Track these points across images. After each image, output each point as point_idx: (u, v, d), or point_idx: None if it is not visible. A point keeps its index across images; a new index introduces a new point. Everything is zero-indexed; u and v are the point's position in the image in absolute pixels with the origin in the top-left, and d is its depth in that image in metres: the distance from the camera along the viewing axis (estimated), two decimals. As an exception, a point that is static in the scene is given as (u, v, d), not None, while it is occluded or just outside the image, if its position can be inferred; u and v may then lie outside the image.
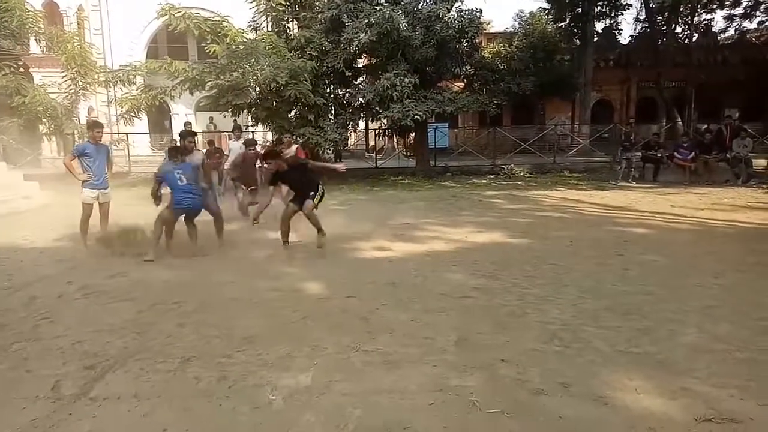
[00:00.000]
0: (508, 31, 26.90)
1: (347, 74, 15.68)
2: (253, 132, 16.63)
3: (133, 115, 14.84)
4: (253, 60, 12.99)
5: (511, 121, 25.53)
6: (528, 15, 26.23)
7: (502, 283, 5.33)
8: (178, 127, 20.55)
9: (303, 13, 15.35)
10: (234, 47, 13.44)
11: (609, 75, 25.33)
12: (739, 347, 3.68)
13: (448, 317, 4.40)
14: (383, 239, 7.48)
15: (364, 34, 13.47)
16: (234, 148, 12.95)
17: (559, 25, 23.46)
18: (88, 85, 17.62)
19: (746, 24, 24.93)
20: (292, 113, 14.45)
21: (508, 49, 22.28)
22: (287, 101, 13.31)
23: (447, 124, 21.33)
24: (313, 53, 14.38)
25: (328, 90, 15.70)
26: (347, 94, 15.70)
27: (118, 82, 14.83)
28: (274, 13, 15.11)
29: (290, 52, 14.14)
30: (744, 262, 6.02)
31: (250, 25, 15.51)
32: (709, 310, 4.44)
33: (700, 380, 3.23)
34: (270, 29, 15.32)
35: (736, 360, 3.50)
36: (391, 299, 4.88)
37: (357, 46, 13.85)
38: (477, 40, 17.59)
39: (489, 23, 29.72)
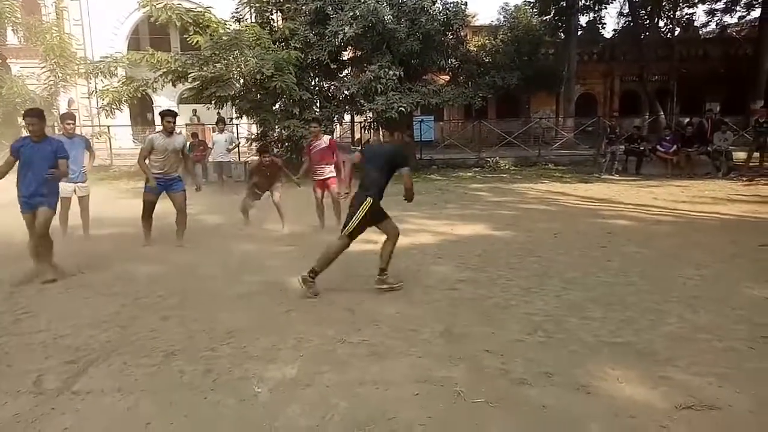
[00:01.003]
0: (493, 24, 26.91)
1: (332, 67, 15.58)
2: (237, 125, 16.47)
3: (115, 107, 14.61)
4: (237, 51, 12.86)
5: (496, 114, 25.62)
6: (513, 8, 26.25)
7: (488, 275, 5.36)
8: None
9: (287, 5, 15.20)
10: (217, 38, 13.29)
11: (593, 68, 25.50)
12: (719, 336, 3.74)
13: (433, 309, 4.42)
14: (369, 232, 7.45)
15: (349, 27, 13.40)
16: (218, 140, 12.84)
17: (544, 18, 23.50)
18: (68, 77, 17.30)
19: (727, 18, 25.29)
20: (277, 105, 14.34)
21: (493, 42, 22.32)
22: (272, 93, 13.20)
23: (432, 117, 21.34)
24: (297, 45, 14.26)
25: (312, 83, 15.60)
26: (332, 87, 15.61)
27: (99, 73, 14.61)
28: (257, 4, 14.96)
29: (274, 44, 14.03)
30: (724, 253, 6.12)
31: (233, 16, 15.32)
32: (690, 300, 4.51)
33: (680, 369, 3.28)
34: (253, 21, 15.15)
35: (715, 349, 3.57)
36: (375, 292, 4.88)
37: (342, 38, 13.77)
38: (462, 33, 17.59)
39: (474, 16, 29.75)
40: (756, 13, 22.20)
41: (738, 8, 23.73)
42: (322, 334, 3.88)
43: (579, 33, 23.79)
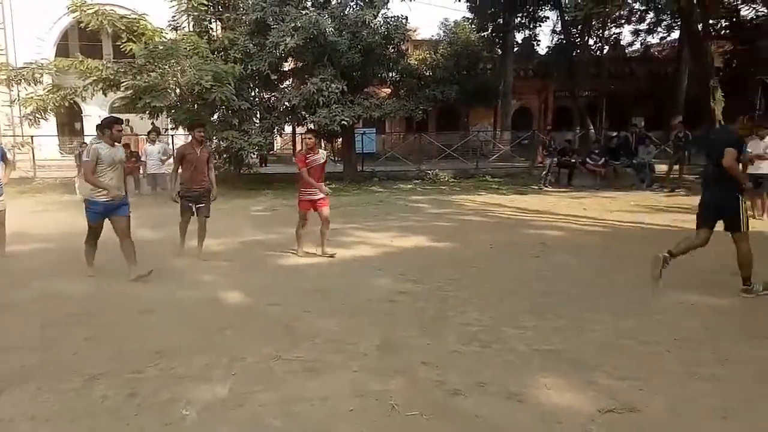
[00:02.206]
0: (434, 38, 27.55)
1: (273, 77, 15.44)
2: (172, 135, 15.96)
3: (39, 116, 13.84)
4: (174, 61, 12.51)
5: (436, 127, 26.10)
6: (453, 24, 27.02)
7: (426, 287, 5.42)
8: (90, 129, 19.36)
9: (226, 14, 14.97)
10: (153, 47, 12.88)
11: (528, 84, 26.49)
12: (641, 341, 3.94)
13: (371, 322, 4.41)
14: (307, 245, 7.39)
15: (290, 38, 13.31)
16: (151, 152, 12.41)
17: (482, 34, 24.28)
18: (-15, 83, 16.24)
19: (650, 39, 26.95)
20: (215, 116, 14.03)
21: (433, 56, 22.78)
22: (209, 104, 12.91)
23: (374, 129, 21.51)
24: (237, 55, 14.04)
25: (252, 93, 15.38)
26: (273, 98, 15.44)
27: (22, 80, 13.80)
28: (195, 13, 14.63)
29: (213, 54, 13.75)
30: (648, 261, 6.43)
31: (170, 25, 14.89)
32: (615, 306, 4.73)
33: (605, 374, 3.42)
34: (191, 29, 14.80)
35: (638, 353, 3.74)
36: (315, 306, 4.84)
37: (283, 49, 13.66)
38: (403, 47, 17.85)
39: (415, 30, 30.27)
40: (675, 34, 23.82)
41: (659, 29, 25.37)
42: (257, 351, 3.79)
43: (515, 49, 24.72)
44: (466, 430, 2.81)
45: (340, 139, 17.37)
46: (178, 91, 13.10)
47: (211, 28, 15.35)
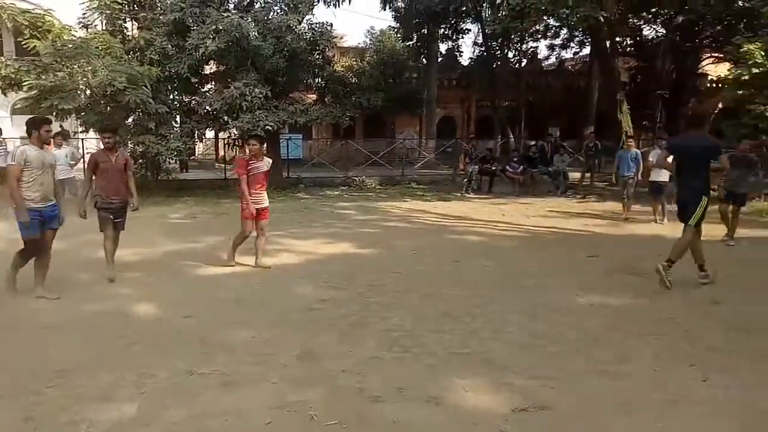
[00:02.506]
0: (360, 46, 27.71)
1: (193, 81, 14.90)
2: (83, 139, 15.02)
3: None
4: (84, 60, 11.78)
5: (363, 134, 26.22)
6: (379, 32, 27.30)
7: (349, 294, 5.41)
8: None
9: (142, 14, 14.27)
10: (61, 45, 12.07)
11: (452, 93, 27.20)
12: (552, 342, 4.13)
13: (292, 331, 4.34)
14: (239, 255, 7.18)
15: (211, 41, 12.91)
16: (58, 156, 11.58)
17: (407, 44, 24.71)
18: None
19: (564, 54, 28.48)
20: (130, 120, 13.34)
21: (359, 64, 22.92)
22: (124, 107, 12.25)
23: (301, 135, 21.28)
24: (154, 57, 13.43)
25: (171, 96, 14.76)
26: (193, 102, 14.90)
27: None
28: (108, 11, 13.84)
29: (128, 54, 13.08)
30: (560, 264, 6.81)
31: (80, 22, 14.02)
32: (529, 309, 4.93)
33: (518, 374, 3.56)
34: (104, 28, 14.01)
35: (549, 353, 3.92)
36: (233, 317, 4.70)
37: (204, 52, 13.23)
38: (330, 54, 17.82)
39: (342, 38, 30.34)
40: (587, 50, 25.29)
41: (573, 45, 26.85)
42: (169, 366, 3.62)
43: (439, 60, 25.33)
44: (384, 437, 2.83)
45: (265, 145, 17.02)
46: (88, 92, 12.34)
47: (126, 28, 14.59)
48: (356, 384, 3.41)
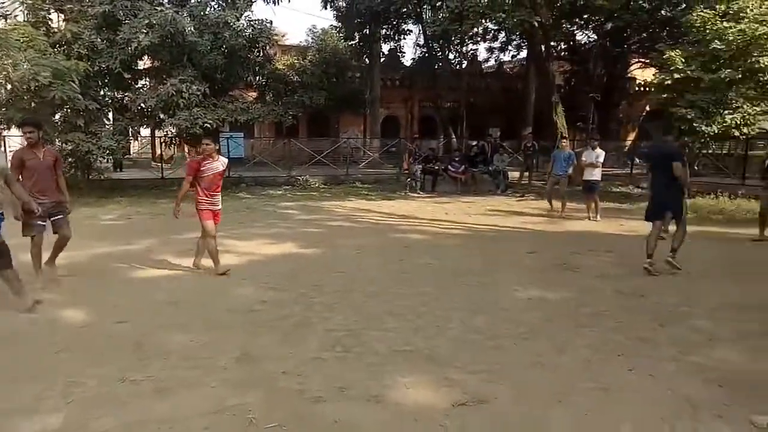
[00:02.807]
0: (302, 45, 27.41)
1: (126, 76, 14.27)
2: (5, 137, 14.08)
3: None
4: (3, 53, 11.04)
5: (307, 133, 25.98)
6: (320, 31, 27.10)
7: (291, 294, 5.33)
8: None
9: (68, 5, 13.54)
10: (-24, 36, 11.26)
11: (395, 93, 27.41)
12: (491, 336, 4.22)
13: (231, 334, 4.23)
14: (166, 256, 6.94)
15: (144, 36, 12.41)
16: (-23, 155, 10.82)
17: (350, 43, 24.68)
18: None
19: (503, 56, 29.26)
20: (57, 116, 12.63)
21: (301, 62, 22.69)
22: (49, 103, 11.58)
23: (242, 133, 20.82)
24: (82, 51, 12.76)
25: (102, 92, 14.09)
26: (126, 98, 14.28)
27: None
28: (30, 1, 13.06)
29: (53, 48, 12.37)
30: (499, 261, 6.98)
31: (-2, 12, 13.17)
32: (470, 304, 5.02)
33: (459, 369, 3.61)
34: (26, 20, 13.19)
35: (487, 348, 4.01)
36: (169, 320, 4.53)
37: (136, 47, 12.70)
38: (270, 51, 17.55)
39: (284, 36, 29.91)
40: (524, 53, 26.10)
41: (510, 48, 27.63)
42: (99, 374, 3.45)
43: (382, 59, 25.45)
44: (325, 437, 2.80)
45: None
46: (9, 87, 11.58)
47: (50, 19, 13.79)
48: (297, 385, 3.36)
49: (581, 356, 3.86)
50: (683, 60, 12.80)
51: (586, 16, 20.46)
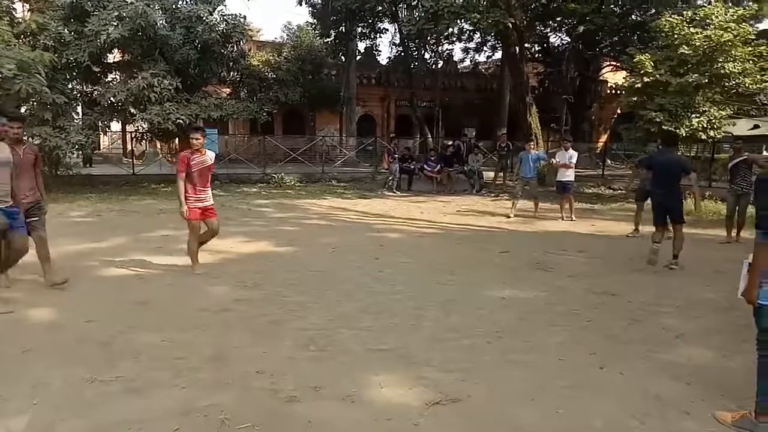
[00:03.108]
0: (278, 41, 27.19)
1: (95, 70, 13.94)
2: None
3: None
4: (-36, 44, 10.66)
5: (282, 131, 25.78)
6: (296, 28, 26.93)
7: (265, 293, 5.29)
8: None
9: (35, -5, 13.22)
10: (-66, 25, 10.85)
11: (371, 92, 27.40)
12: (465, 335, 4.25)
13: (204, 334, 4.17)
14: (136, 254, 6.81)
15: (113, 28, 12.12)
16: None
17: (326, 40, 24.56)
18: None
19: (478, 57, 29.48)
20: (23, 109, 12.26)
21: (277, 59, 22.48)
22: (14, 96, 11.21)
23: (216, 130, 20.53)
24: (48, 43, 12.41)
25: (70, 86, 13.72)
26: (96, 92, 13.94)
27: None
28: (-8, -10, 12.65)
29: (17, 39, 11.99)
30: (474, 260, 7.03)
31: (-41, 2, 12.70)
32: (444, 303, 5.05)
33: (433, 368, 3.62)
34: (-11, 9, 12.77)
35: (462, 346, 4.03)
36: (140, 320, 4.44)
37: (106, 40, 12.40)
38: (245, 47, 17.34)
39: (258, 31, 29.63)
40: (499, 54, 26.35)
41: (485, 49, 27.86)
42: (66, 374, 3.36)
43: (358, 57, 25.38)
44: (298, 437, 2.78)
45: (177, 139, 16.27)
46: (-30, 78, 11.17)
47: (14, 9, 13.38)
48: (270, 385, 3.33)
49: (553, 354, 3.91)
50: (653, 64, 13.09)
51: (559, 18, 20.79)
